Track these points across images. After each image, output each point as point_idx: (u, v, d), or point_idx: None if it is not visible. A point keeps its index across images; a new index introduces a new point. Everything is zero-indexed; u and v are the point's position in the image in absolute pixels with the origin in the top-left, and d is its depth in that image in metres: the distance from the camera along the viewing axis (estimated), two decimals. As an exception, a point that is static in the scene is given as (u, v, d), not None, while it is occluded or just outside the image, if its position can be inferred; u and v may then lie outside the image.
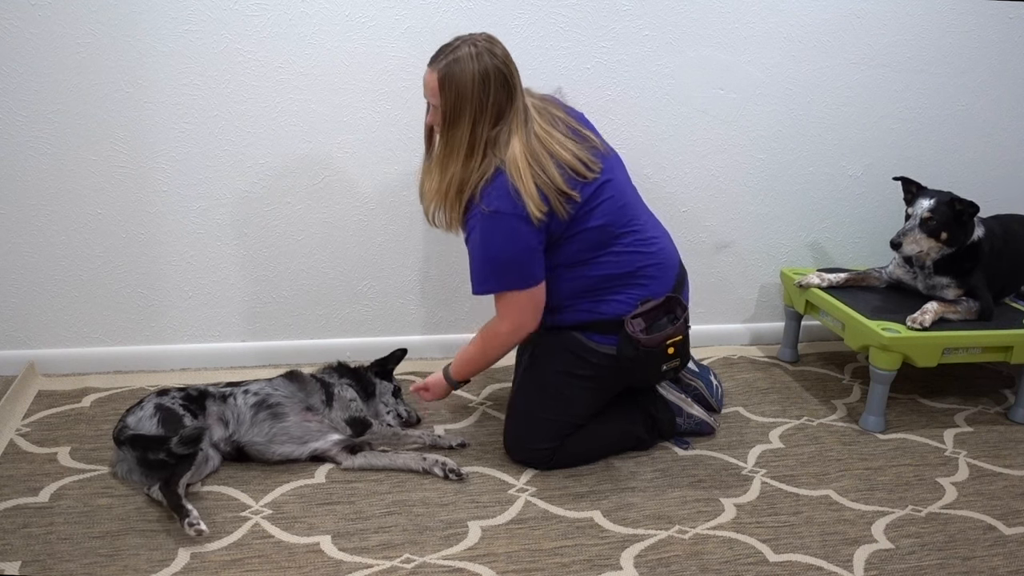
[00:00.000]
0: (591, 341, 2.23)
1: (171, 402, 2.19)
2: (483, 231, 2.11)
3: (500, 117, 2.09)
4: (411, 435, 2.36)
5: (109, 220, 2.60)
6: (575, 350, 2.24)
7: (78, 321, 2.67)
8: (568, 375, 2.26)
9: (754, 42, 2.85)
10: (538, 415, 2.27)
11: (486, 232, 2.11)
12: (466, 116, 2.06)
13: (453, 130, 2.09)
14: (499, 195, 2.08)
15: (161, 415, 2.13)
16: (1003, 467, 2.41)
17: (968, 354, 2.58)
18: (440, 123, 2.11)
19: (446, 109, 2.07)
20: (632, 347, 2.15)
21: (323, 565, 1.87)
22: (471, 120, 2.07)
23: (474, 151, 2.10)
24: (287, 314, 2.80)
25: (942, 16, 2.95)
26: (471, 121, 2.07)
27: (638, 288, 2.23)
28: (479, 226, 2.11)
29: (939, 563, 1.98)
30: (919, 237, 2.62)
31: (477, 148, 2.10)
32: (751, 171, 3.00)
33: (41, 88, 2.44)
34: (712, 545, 2.01)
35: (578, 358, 2.24)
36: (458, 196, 2.14)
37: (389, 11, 2.58)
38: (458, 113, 2.07)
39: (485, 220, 2.10)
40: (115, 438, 2.14)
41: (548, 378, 2.28)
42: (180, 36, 2.47)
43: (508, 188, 2.07)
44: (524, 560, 1.92)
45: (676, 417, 2.45)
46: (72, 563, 1.84)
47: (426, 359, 2.91)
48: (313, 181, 2.69)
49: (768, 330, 3.20)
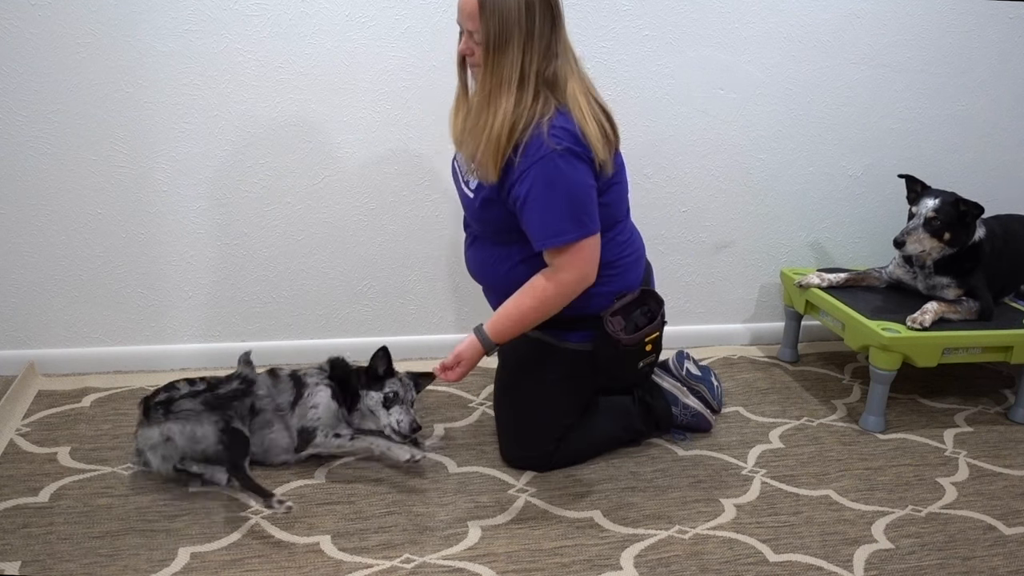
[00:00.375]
0: (564, 341, 2.18)
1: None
2: (551, 172, 1.93)
3: (549, 49, 1.94)
4: (358, 447, 2.22)
5: (109, 220, 2.60)
6: (547, 356, 2.19)
7: (78, 321, 2.67)
8: (546, 384, 2.21)
9: (754, 42, 2.85)
10: (526, 427, 2.26)
11: (555, 173, 1.93)
12: (514, 43, 1.90)
13: (500, 58, 1.91)
14: (567, 134, 1.94)
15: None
16: (1003, 467, 2.41)
17: (968, 354, 2.58)
18: (483, 51, 1.93)
19: (489, 35, 1.90)
20: (611, 346, 2.11)
21: (323, 565, 1.87)
22: (520, 48, 1.90)
23: (525, 84, 1.93)
24: (287, 314, 2.80)
25: (942, 16, 2.95)
26: (520, 49, 1.90)
27: (613, 282, 2.17)
28: (546, 168, 1.93)
29: (939, 563, 1.98)
30: (922, 236, 2.62)
31: (527, 82, 1.93)
32: (751, 171, 3.00)
33: (41, 88, 2.44)
34: (712, 545, 2.01)
35: (553, 364, 2.20)
36: (509, 137, 1.94)
37: (389, 11, 2.58)
38: (505, 39, 1.90)
39: (552, 160, 1.92)
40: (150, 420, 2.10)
41: (527, 392, 2.23)
42: (180, 36, 2.47)
43: (575, 128, 1.94)
44: (524, 560, 1.92)
45: (672, 406, 2.44)
46: (72, 563, 1.84)
47: (426, 359, 2.90)
48: (313, 181, 2.69)
49: (768, 330, 3.20)
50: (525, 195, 1.96)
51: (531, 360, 2.22)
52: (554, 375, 2.21)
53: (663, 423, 2.43)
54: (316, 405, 2.20)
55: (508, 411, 2.29)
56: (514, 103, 1.93)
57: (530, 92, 1.94)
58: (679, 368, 2.53)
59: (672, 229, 3.00)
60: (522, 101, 1.94)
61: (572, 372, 2.21)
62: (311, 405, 2.20)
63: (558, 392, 2.23)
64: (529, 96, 1.94)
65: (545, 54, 1.94)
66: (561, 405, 2.25)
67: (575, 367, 2.20)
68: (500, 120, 1.93)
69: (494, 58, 1.92)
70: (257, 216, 2.68)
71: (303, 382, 2.25)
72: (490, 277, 2.24)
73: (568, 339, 2.18)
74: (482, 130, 1.96)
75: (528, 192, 1.95)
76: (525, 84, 1.93)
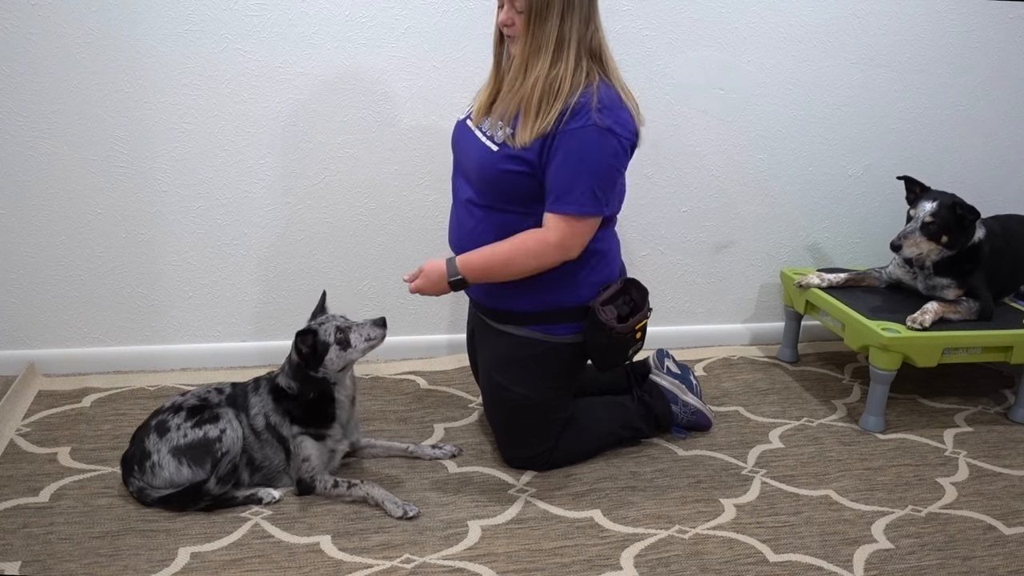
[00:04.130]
0: (552, 335, 2.17)
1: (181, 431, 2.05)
2: (586, 143, 1.95)
3: (589, 18, 1.97)
4: (356, 496, 2.10)
5: (109, 220, 2.60)
6: (536, 353, 2.18)
7: (78, 321, 2.67)
8: (536, 381, 2.20)
9: (754, 42, 2.85)
10: (521, 428, 2.25)
11: (590, 145, 1.95)
12: (554, 10, 1.92)
13: (541, 24, 1.94)
14: (615, 114, 1.96)
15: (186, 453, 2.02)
16: (1003, 467, 2.41)
17: (968, 354, 2.58)
18: (524, 19, 1.95)
19: (531, 3, 1.93)
20: (604, 335, 2.11)
21: (323, 565, 1.87)
22: (559, 15, 1.92)
23: (564, 49, 1.95)
24: (287, 314, 2.80)
25: (942, 16, 2.95)
26: (559, 16, 1.92)
27: (602, 271, 2.17)
28: (585, 137, 1.94)
29: (939, 563, 1.98)
30: (919, 240, 2.62)
31: (567, 48, 1.95)
32: (751, 171, 3.00)
33: (41, 88, 2.44)
34: (712, 545, 2.01)
35: (542, 360, 2.19)
36: (546, 100, 1.95)
37: (389, 11, 2.58)
38: (546, 5, 1.92)
39: (592, 133, 1.94)
40: (139, 500, 2.04)
41: (518, 393, 2.20)
42: (180, 36, 2.47)
43: (625, 110, 1.99)
44: (524, 560, 1.92)
45: (672, 404, 2.44)
46: (72, 563, 1.84)
47: (425, 359, 2.91)
48: (313, 181, 2.69)
49: (768, 330, 3.20)
50: (558, 156, 1.97)
51: (519, 359, 2.20)
52: (544, 371, 2.20)
53: (663, 422, 2.43)
54: (307, 458, 2.10)
55: (501, 414, 2.28)
56: (550, 65, 1.95)
57: (571, 59, 1.96)
58: (659, 366, 2.53)
59: (672, 229, 3.00)
60: (557, 65, 1.96)
61: (561, 366, 2.21)
62: (303, 459, 2.10)
63: (551, 390, 2.23)
64: (570, 62, 1.96)
65: (586, 22, 1.97)
66: (553, 401, 2.24)
67: (564, 361, 2.20)
68: (533, 81, 1.96)
69: (534, 25, 1.94)
70: (257, 216, 2.68)
71: (282, 435, 2.12)
72: (471, 245, 2.14)
73: (556, 332, 2.17)
74: (516, 92, 1.99)
75: (561, 154, 1.97)
76: (564, 50, 1.95)
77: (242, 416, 2.11)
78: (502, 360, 2.22)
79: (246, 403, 2.14)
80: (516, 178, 2.03)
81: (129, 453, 2.08)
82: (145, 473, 2.03)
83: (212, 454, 2.02)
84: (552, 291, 2.12)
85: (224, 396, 2.15)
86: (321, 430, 2.13)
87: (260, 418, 2.12)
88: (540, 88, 1.96)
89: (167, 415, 2.08)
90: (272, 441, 2.12)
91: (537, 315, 2.15)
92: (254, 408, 2.13)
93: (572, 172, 1.97)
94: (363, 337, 2.10)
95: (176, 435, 2.04)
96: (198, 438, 2.03)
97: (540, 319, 2.16)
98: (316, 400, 2.12)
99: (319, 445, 2.12)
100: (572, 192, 1.98)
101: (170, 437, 2.03)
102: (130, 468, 2.05)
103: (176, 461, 2.02)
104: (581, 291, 2.14)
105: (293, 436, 2.11)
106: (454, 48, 2.64)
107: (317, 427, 2.13)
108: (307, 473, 2.11)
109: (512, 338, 2.19)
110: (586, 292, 2.14)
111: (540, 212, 2.05)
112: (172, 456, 2.02)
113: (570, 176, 1.97)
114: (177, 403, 2.11)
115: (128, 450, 2.09)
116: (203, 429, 2.04)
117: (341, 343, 2.07)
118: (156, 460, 2.02)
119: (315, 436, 2.12)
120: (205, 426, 2.05)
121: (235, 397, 2.15)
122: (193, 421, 2.06)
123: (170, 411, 2.09)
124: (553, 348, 2.18)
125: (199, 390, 2.16)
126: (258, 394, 2.15)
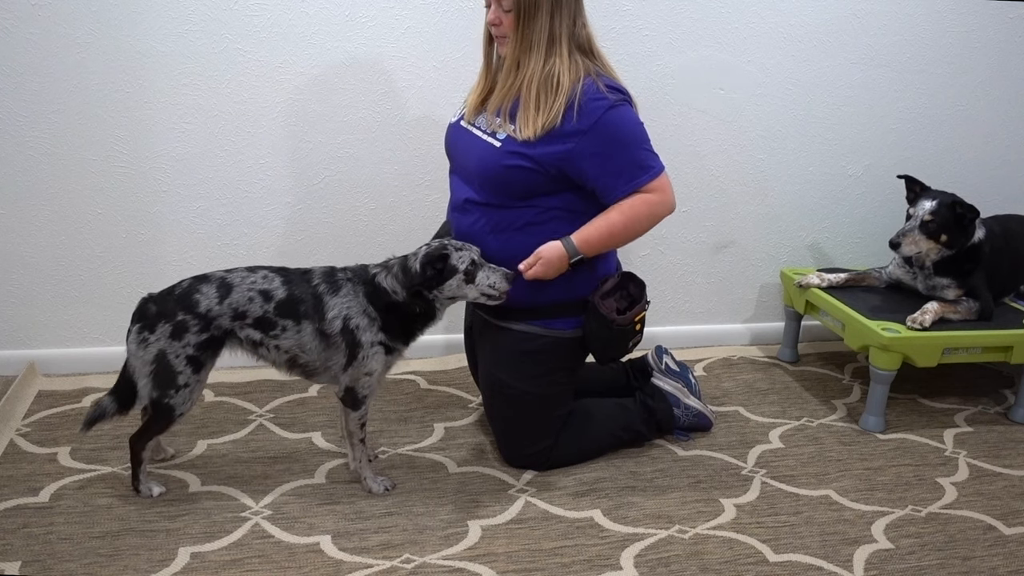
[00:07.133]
0: (551, 330, 2.18)
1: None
2: (618, 121, 2.01)
3: (576, 14, 2.03)
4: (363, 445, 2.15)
5: (109, 220, 2.60)
6: (536, 349, 2.19)
7: (78, 321, 2.67)
8: (536, 378, 2.20)
9: (754, 42, 2.85)
10: (521, 424, 2.25)
11: (622, 120, 2.02)
12: (543, 9, 1.97)
13: (530, 23, 1.98)
14: (616, 87, 2.04)
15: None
16: (1003, 467, 2.41)
17: (968, 354, 2.58)
18: (513, 18, 1.99)
19: (519, 1, 1.97)
20: (606, 328, 2.13)
21: (323, 565, 1.87)
22: (548, 13, 1.98)
23: (556, 44, 2.00)
24: (287, 314, 2.79)
25: (942, 16, 2.95)
26: (548, 14, 1.98)
27: (602, 264, 2.19)
28: (618, 117, 2.01)
29: (939, 563, 1.98)
30: (918, 238, 2.62)
31: (558, 43, 2.00)
32: (751, 171, 3.00)
33: (41, 88, 2.44)
34: (712, 545, 2.01)
35: (541, 356, 2.19)
36: (546, 94, 1.99)
37: (389, 11, 2.58)
38: (534, 4, 1.97)
39: (618, 109, 2.01)
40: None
41: (518, 390, 2.21)
42: (180, 36, 2.47)
43: (620, 84, 2.07)
44: (524, 560, 1.92)
45: (674, 408, 2.45)
46: (72, 563, 1.84)
47: (427, 359, 2.91)
48: (313, 181, 2.69)
49: (768, 330, 3.20)
50: (598, 154, 2.01)
51: (520, 354, 2.21)
52: (545, 366, 2.21)
53: (665, 425, 2.44)
54: (371, 372, 2.05)
55: (502, 410, 2.28)
56: (543, 61, 2.00)
57: (564, 53, 2.01)
58: (658, 363, 2.53)
59: (672, 229, 3.00)
60: (551, 60, 2.00)
61: (562, 361, 2.22)
62: (366, 372, 2.05)
63: (551, 385, 2.23)
64: (564, 57, 2.00)
65: (573, 17, 2.02)
66: (553, 397, 2.25)
67: (564, 355, 2.21)
68: (528, 77, 2.00)
69: (524, 24, 1.99)
70: (257, 216, 2.68)
71: (357, 340, 2.03)
72: (481, 247, 2.13)
73: (556, 327, 2.18)
74: (512, 88, 2.04)
75: (601, 150, 2.01)
76: (556, 45, 2.00)
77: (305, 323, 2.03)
78: (503, 356, 2.23)
79: (321, 307, 2.03)
80: (519, 173, 2.05)
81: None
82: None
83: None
84: (552, 286, 2.12)
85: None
86: (399, 345, 2.08)
87: (337, 322, 2.02)
88: (537, 82, 2.00)
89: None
90: (341, 346, 2.04)
91: (537, 310, 2.17)
92: (332, 311, 2.03)
93: (621, 155, 2.03)
94: (488, 282, 2.04)
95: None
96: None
97: (540, 314, 2.17)
98: (419, 315, 2.06)
99: (386, 360, 2.08)
100: (633, 168, 2.04)
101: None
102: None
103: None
104: (580, 286, 2.15)
105: (371, 343, 2.04)
106: (454, 48, 2.64)
107: (401, 341, 2.08)
108: (364, 389, 2.07)
109: (513, 334, 2.20)
110: (585, 286, 2.15)
111: (540, 206, 2.08)
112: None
113: (623, 160, 2.03)
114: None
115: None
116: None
117: (468, 275, 2.03)
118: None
119: (389, 349, 2.06)
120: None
121: (300, 301, 2.06)
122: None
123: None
124: (554, 343, 2.19)
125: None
126: (340, 295, 2.04)
